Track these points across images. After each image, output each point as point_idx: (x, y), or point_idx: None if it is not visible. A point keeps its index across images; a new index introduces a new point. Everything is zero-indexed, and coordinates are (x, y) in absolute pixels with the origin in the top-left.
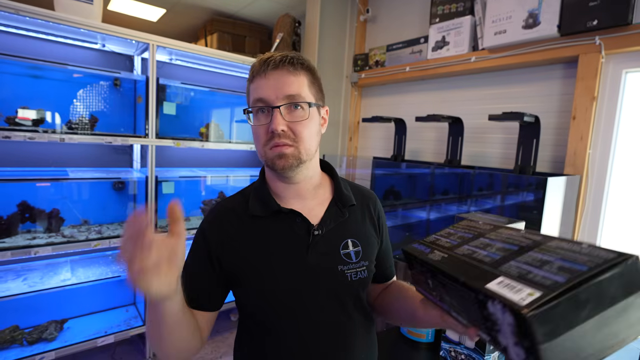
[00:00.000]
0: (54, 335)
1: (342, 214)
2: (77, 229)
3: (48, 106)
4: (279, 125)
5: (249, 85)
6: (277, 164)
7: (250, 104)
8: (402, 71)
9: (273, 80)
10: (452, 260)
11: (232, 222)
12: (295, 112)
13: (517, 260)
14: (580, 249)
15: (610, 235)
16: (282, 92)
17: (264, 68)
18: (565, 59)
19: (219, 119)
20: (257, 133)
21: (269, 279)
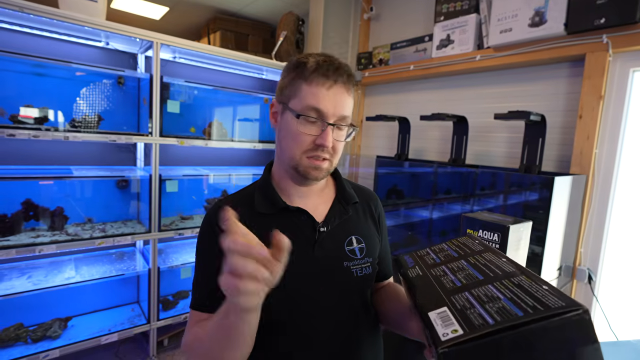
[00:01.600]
0: (58, 333)
1: (345, 212)
2: (81, 227)
3: (52, 104)
4: (330, 142)
5: (301, 84)
6: (310, 174)
7: (299, 107)
8: (406, 70)
9: (333, 96)
10: (423, 279)
11: (238, 219)
12: (340, 132)
13: (472, 291)
14: (537, 290)
15: (616, 235)
16: (339, 111)
17: (329, 79)
18: (571, 57)
19: (222, 118)
20: (300, 139)
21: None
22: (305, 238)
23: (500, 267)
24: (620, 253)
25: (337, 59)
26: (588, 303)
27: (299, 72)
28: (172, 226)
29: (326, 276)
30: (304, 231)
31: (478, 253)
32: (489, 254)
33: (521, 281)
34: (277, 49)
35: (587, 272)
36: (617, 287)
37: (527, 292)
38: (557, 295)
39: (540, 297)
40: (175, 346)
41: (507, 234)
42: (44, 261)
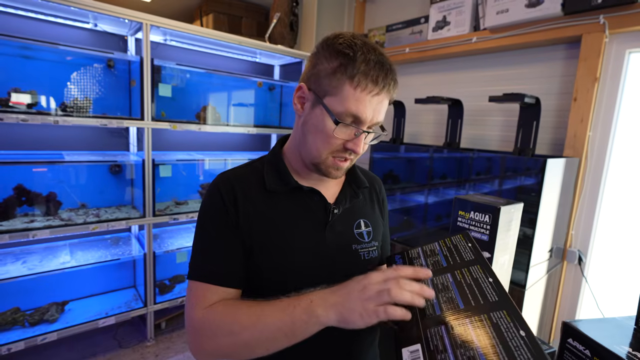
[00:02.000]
0: (55, 317)
1: (356, 195)
2: (74, 212)
3: (40, 88)
4: (362, 148)
5: (345, 81)
6: (332, 174)
7: (337, 106)
8: (402, 52)
9: (377, 103)
10: None
11: (246, 193)
12: (369, 136)
13: (449, 327)
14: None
15: (606, 217)
16: (377, 118)
17: (378, 89)
18: (568, 39)
19: (216, 102)
20: (331, 142)
21: (286, 255)
22: (316, 219)
23: (484, 295)
24: (610, 235)
25: (387, 59)
26: (577, 284)
27: (344, 67)
28: (167, 211)
29: (335, 258)
30: (316, 212)
31: (466, 265)
32: (476, 267)
33: (500, 320)
34: (270, 31)
35: (578, 254)
36: (605, 268)
37: (501, 340)
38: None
39: (512, 350)
40: (173, 329)
41: (497, 215)
42: (38, 246)
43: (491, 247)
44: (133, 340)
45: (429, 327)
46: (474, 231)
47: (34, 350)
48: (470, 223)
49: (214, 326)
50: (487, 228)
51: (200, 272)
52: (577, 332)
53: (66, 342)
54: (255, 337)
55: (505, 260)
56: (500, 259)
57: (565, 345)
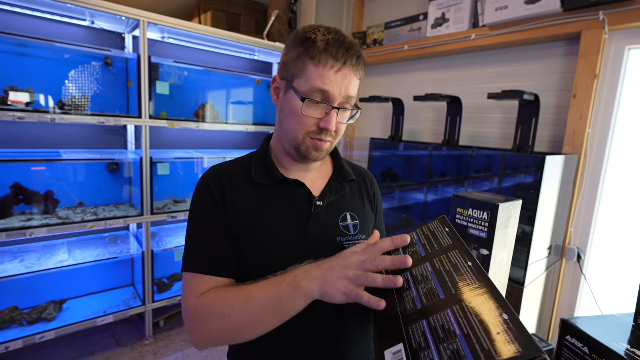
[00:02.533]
0: (53, 316)
1: (342, 188)
2: (72, 210)
3: (37, 85)
4: (334, 126)
5: (308, 63)
6: (311, 155)
7: (306, 88)
8: (401, 50)
9: (341, 79)
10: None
11: (234, 186)
12: (344, 113)
13: (430, 320)
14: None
15: (605, 215)
16: (345, 93)
17: (338, 62)
18: (567, 35)
19: (214, 100)
20: (303, 120)
21: (270, 247)
22: (300, 211)
23: (464, 279)
24: (609, 232)
25: (348, 37)
26: (577, 281)
27: (306, 50)
28: (165, 209)
29: (319, 250)
30: (300, 204)
31: (445, 251)
32: (455, 253)
33: (481, 305)
34: (268, 28)
35: (577, 251)
36: (604, 266)
37: (483, 326)
38: (514, 333)
39: (496, 338)
40: (172, 327)
41: (496, 212)
42: (36, 245)
43: (489, 244)
44: (132, 338)
45: (410, 324)
46: (472, 228)
47: (32, 349)
48: (469, 220)
49: (206, 311)
50: (486, 225)
51: (192, 262)
52: (575, 329)
53: (64, 340)
54: (245, 317)
55: (503, 257)
56: (498, 256)
57: (564, 342)
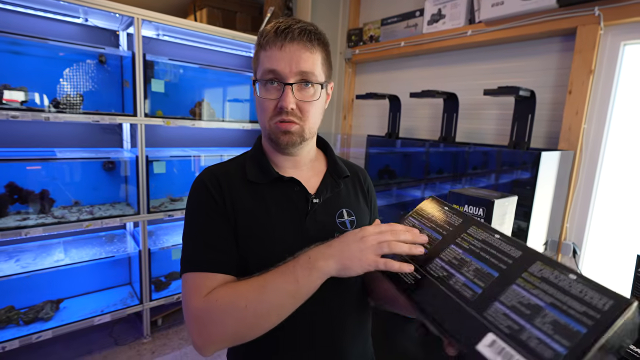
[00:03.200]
0: (50, 315)
1: (337, 184)
2: (68, 209)
3: (30, 84)
4: (290, 103)
5: (260, 52)
6: (281, 140)
7: (259, 74)
8: (397, 46)
9: (288, 54)
10: (426, 285)
11: (231, 185)
12: (305, 91)
13: (502, 301)
14: (568, 284)
15: (600, 210)
16: (296, 68)
17: (280, 39)
18: (563, 31)
19: (210, 97)
20: (264, 106)
21: (268, 245)
22: (297, 209)
23: (503, 251)
24: (604, 227)
25: (296, 20)
26: None
27: (259, 43)
28: (162, 208)
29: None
30: (297, 202)
31: (461, 230)
32: (474, 229)
33: (542, 272)
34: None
35: (572, 247)
36: (599, 260)
37: (562, 291)
38: (594, 289)
39: (582, 297)
40: (169, 326)
41: (492, 208)
42: (32, 244)
43: None
44: (129, 337)
45: (483, 311)
46: None
47: (29, 349)
48: None
49: (218, 307)
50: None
51: (195, 262)
52: None
53: (62, 340)
54: (263, 305)
55: None
56: None
57: None
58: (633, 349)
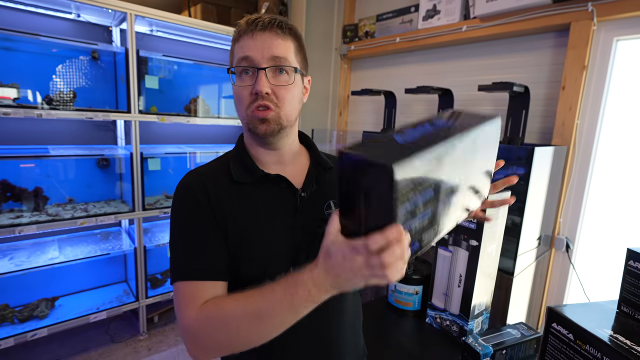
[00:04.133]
0: (45, 313)
1: (322, 177)
2: (62, 207)
3: (22, 80)
4: (264, 87)
5: (234, 45)
6: (259, 128)
7: (234, 64)
8: (392, 42)
9: (260, 41)
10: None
11: (216, 187)
12: (280, 77)
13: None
14: None
15: (594, 204)
16: (269, 53)
17: (251, 28)
18: (557, 27)
19: (205, 94)
20: (240, 94)
21: (259, 244)
22: (286, 205)
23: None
24: (596, 222)
25: (267, 14)
26: (565, 270)
27: (233, 38)
28: (157, 205)
29: (308, 241)
30: (285, 198)
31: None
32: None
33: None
34: None
35: (565, 241)
36: (592, 255)
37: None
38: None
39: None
40: (166, 322)
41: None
42: (26, 242)
43: (479, 235)
44: (125, 334)
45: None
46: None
47: (24, 347)
48: None
49: (211, 326)
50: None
51: (185, 271)
52: (560, 316)
53: (57, 337)
54: (257, 333)
55: (492, 249)
56: (488, 247)
57: (550, 329)
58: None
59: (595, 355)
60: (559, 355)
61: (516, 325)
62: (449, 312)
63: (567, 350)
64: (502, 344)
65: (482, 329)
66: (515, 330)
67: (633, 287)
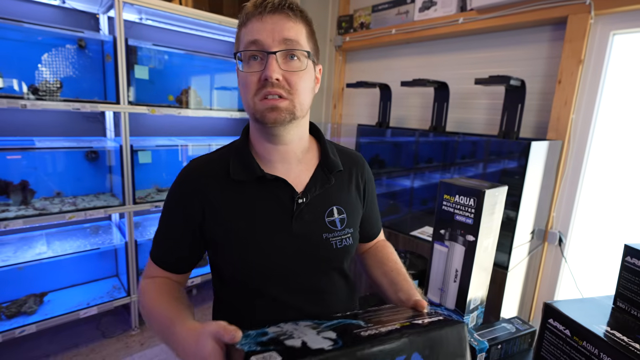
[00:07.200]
0: (33, 309)
1: (328, 180)
2: (49, 201)
3: (5, 69)
4: (274, 72)
5: (240, 31)
6: (268, 117)
7: (241, 49)
8: (388, 34)
9: (270, 24)
10: None
11: (211, 186)
12: (292, 62)
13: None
14: None
15: (586, 199)
16: (280, 36)
17: (260, 10)
18: (554, 20)
19: (197, 85)
20: (247, 81)
21: (253, 248)
22: (283, 209)
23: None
24: (589, 216)
25: None
26: (557, 264)
27: (239, 23)
28: (148, 199)
29: (304, 248)
30: (283, 201)
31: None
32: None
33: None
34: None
35: (558, 235)
36: (584, 249)
37: None
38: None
39: None
40: None
41: (482, 198)
42: (12, 237)
43: (475, 230)
44: (117, 329)
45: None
46: (458, 215)
47: (13, 343)
48: (455, 207)
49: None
50: (472, 212)
51: (152, 252)
52: (557, 312)
53: (47, 333)
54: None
55: (489, 243)
56: (484, 242)
57: (546, 325)
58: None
59: (592, 352)
60: (556, 351)
61: (511, 319)
62: (445, 307)
63: (564, 346)
64: (497, 339)
65: (477, 323)
66: (510, 324)
67: (629, 283)
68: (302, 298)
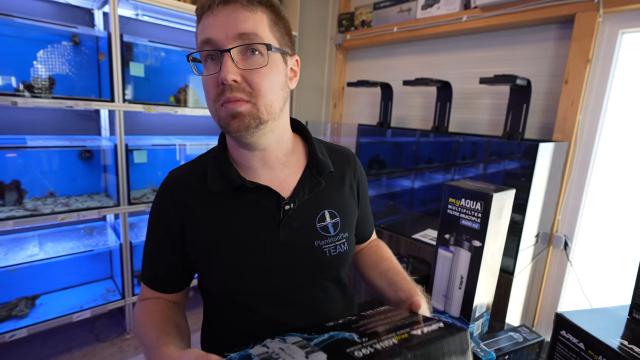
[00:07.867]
0: (25, 312)
1: (317, 183)
2: (42, 201)
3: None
4: (229, 73)
5: (197, 28)
6: (231, 126)
7: (196, 50)
8: (390, 32)
9: (223, 17)
10: None
11: (189, 199)
12: (251, 59)
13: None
14: None
15: (593, 202)
16: (234, 30)
17: (210, 3)
18: (561, 18)
19: (195, 83)
20: (206, 86)
21: (238, 263)
22: (269, 218)
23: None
24: (596, 220)
25: None
26: (562, 269)
27: (196, 20)
28: (143, 199)
29: (295, 258)
30: (268, 210)
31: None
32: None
33: None
34: None
35: (564, 239)
36: (590, 253)
37: None
38: None
39: None
40: None
41: (490, 202)
42: (3, 238)
43: (482, 235)
44: (111, 333)
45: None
46: (464, 219)
47: (3, 348)
48: (461, 211)
49: (137, 319)
50: (478, 216)
51: (142, 273)
52: (570, 324)
53: (39, 337)
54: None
55: (495, 248)
56: (491, 247)
57: (558, 337)
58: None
59: None
60: None
61: (517, 328)
62: (449, 314)
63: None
64: (503, 349)
65: (482, 331)
66: (516, 333)
67: None
68: (295, 313)
